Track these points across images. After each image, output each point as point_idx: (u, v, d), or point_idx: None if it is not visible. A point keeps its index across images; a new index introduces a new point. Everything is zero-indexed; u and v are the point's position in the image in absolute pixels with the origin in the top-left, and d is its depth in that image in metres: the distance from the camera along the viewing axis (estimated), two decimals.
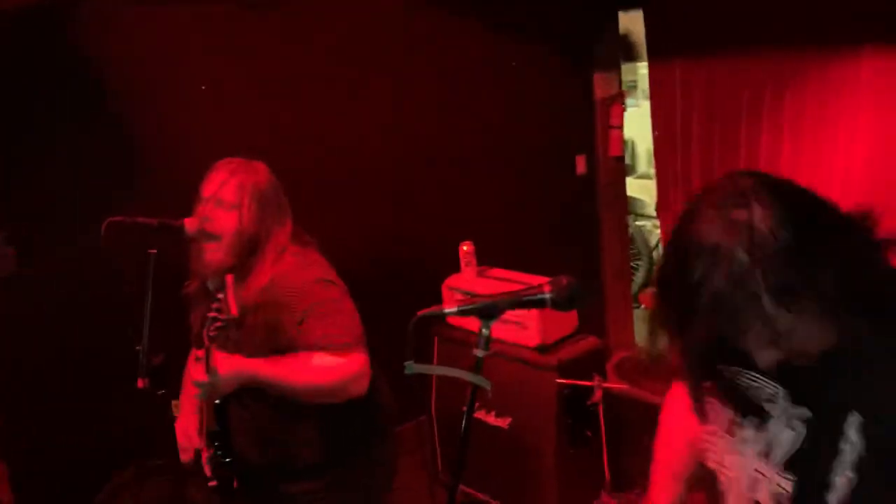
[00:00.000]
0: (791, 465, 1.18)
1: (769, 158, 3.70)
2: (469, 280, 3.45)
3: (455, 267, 3.51)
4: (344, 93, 3.45)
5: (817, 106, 3.50)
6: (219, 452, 2.03)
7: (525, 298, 1.27)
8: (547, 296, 1.26)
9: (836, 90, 3.43)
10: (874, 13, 3.20)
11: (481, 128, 3.93)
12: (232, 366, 1.89)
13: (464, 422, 1.26)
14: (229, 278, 1.86)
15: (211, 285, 2.14)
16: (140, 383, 1.93)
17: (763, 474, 1.21)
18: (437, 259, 3.57)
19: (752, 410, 1.24)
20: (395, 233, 3.67)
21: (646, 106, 4.85)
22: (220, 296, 1.82)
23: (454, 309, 1.27)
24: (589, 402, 3.04)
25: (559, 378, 3.01)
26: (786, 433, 1.19)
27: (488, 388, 1.27)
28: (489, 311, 1.25)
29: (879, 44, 3.26)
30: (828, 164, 3.51)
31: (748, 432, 1.25)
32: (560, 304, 1.26)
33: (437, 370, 1.14)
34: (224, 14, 3.09)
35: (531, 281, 3.12)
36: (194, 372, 1.87)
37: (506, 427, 3.20)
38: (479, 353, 1.25)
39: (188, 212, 2.10)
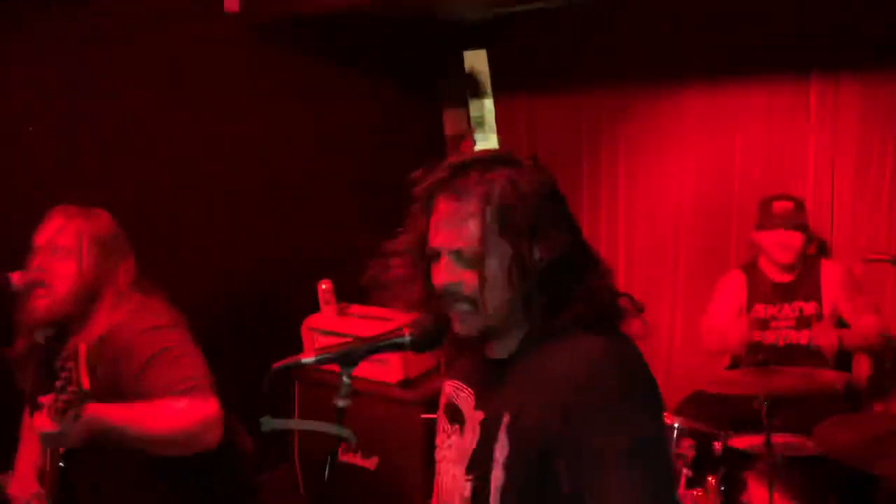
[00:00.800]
0: (468, 468, 1.28)
1: (609, 189, 3.92)
2: (329, 319, 3.39)
3: (316, 306, 3.44)
4: (191, 132, 3.30)
5: (649, 137, 3.77)
6: None
7: (385, 343, 1.25)
8: (407, 339, 1.25)
9: (664, 122, 3.70)
10: (697, 52, 3.50)
11: (336, 166, 3.89)
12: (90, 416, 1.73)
13: (326, 474, 1.22)
14: (82, 348, 1.72)
15: (39, 337, 1.98)
16: None
17: (457, 479, 1.30)
18: (296, 299, 3.48)
19: (456, 418, 1.34)
20: (250, 274, 3.53)
21: (494, 140, 5.00)
22: (70, 365, 1.66)
23: (311, 359, 1.23)
24: None
25: (425, 413, 3.00)
26: (469, 438, 1.30)
27: (353, 440, 1.23)
28: (348, 358, 1.22)
29: (702, 79, 3.56)
30: (661, 191, 3.77)
31: (453, 439, 1.34)
32: (422, 345, 1.26)
33: (296, 424, 1.09)
34: (58, 49, 2.89)
35: (393, 317, 3.14)
36: (39, 422, 1.70)
37: (373, 468, 3.14)
38: (340, 403, 1.21)
39: (18, 265, 1.94)
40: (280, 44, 3.57)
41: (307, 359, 1.22)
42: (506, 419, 1.21)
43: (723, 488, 2.58)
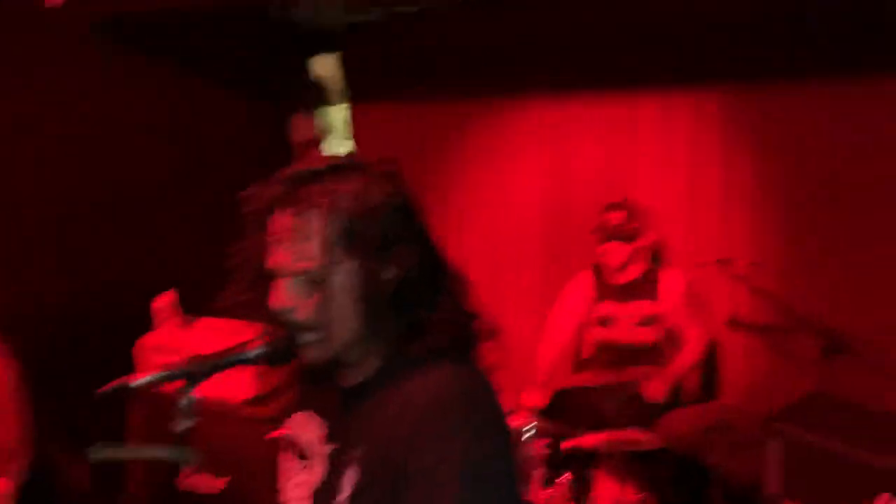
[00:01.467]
0: (315, 501, 1.21)
1: (457, 196, 3.97)
2: (171, 336, 3.18)
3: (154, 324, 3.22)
4: (9, 135, 2.99)
5: (495, 146, 3.86)
6: None
7: (234, 358, 1.15)
8: (258, 352, 1.15)
9: (509, 131, 3.81)
10: (539, 65, 3.63)
11: (177, 173, 3.67)
12: None
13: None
14: None
15: None
16: None
17: None
18: (134, 316, 3.24)
19: (303, 453, 1.26)
20: (83, 291, 3.24)
21: (344, 147, 4.93)
22: None
23: (144, 380, 1.10)
24: None
25: (274, 430, 2.87)
26: (317, 472, 1.22)
27: (194, 461, 1.13)
28: (191, 377, 1.11)
29: (543, 91, 3.69)
30: (511, 194, 3.87)
31: (302, 476, 1.25)
32: (273, 359, 1.16)
33: (127, 453, 0.96)
34: None
35: (244, 330, 2.99)
36: None
37: (223, 486, 2.97)
38: (182, 424, 1.10)
39: None
40: (110, 42, 3.32)
41: (139, 380, 1.10)
42: (356, 452, 1.13)
43: (573, 486, 2.66)
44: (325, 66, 4.55)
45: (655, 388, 3.11)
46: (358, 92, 4.27)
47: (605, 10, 3.38)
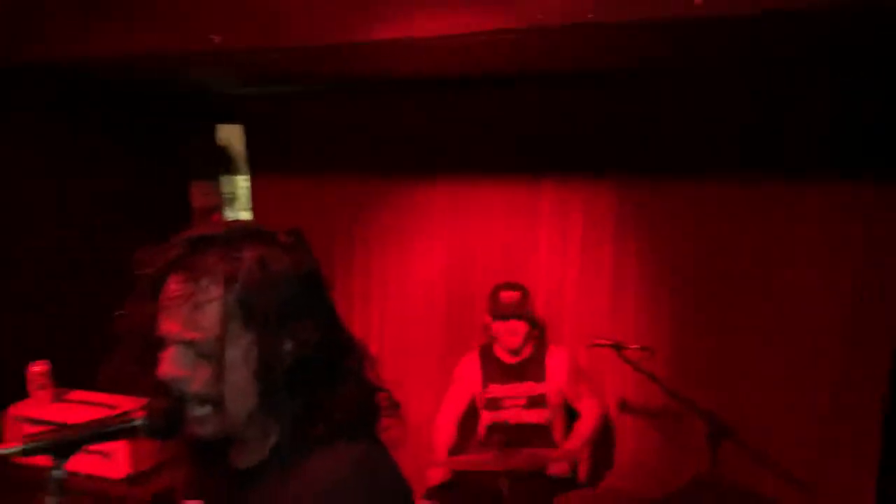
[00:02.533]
0: None
1: (363, 275, 3.95)
2: (42, 406, 2.95)
3: (23, 394, 2.98)
4: None
5: (402, 224, 3.88)
6: None
7: (112, 428, 1.08)
8: (140, 422, 1.08)
9: (416, 211, 3.84)
10: (442, 147, 3.72)
11: (68, 232, 3.49)
12: None
13: None
14: None
15: None
16: None
17: None
18: (4, 383, 2.99)
19: None
20: None
21: (246, 217, 4.85)
22: None
23: (16, 448, 1.02)
24: None
25: None
26: None
27: None
28: (64, 447, 1.03)
29: (448, 173, 3.78)
30: (413, 274, 3.87)
31: None
32: (158, 431, 1.09)
33: None
34: None
35: (123, 404, 2.81)
36: None
37: None
38: (51, 501, 1.01)
39: None
40: (9, 94, 3.18)
41: (6, 449, 1.01)
42: None
43: None
44: (229, 135, 4.51)
45: (559, 465, 3.11)
46: (259, 163, 4.24)
47: (510, 96, 3.53)
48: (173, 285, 1.07)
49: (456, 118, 3.67)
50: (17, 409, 2.94)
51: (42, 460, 1.03)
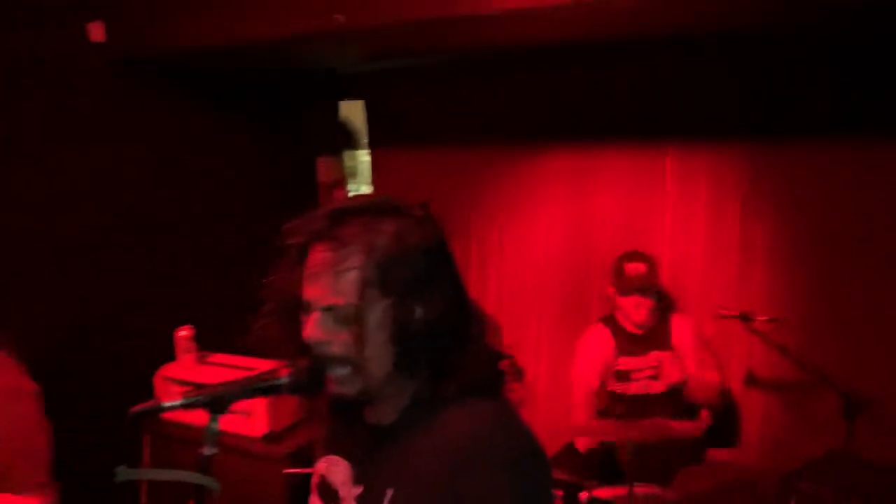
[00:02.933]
0: None
1: (480, 244, 4.00)
2: (188, 368, 3.19)
3: (171, 355, 3.24)
4: (42, 170, 3.06)
5: (520, 194, 3.89)
6: None
7: (260, 385, 1.17)
8: (285, 380, 1.16)
9: (535, 181, 3.84)
10: (568, 115, 3.69)
11: (204, 210, 3.74)
12: None
13: None
14: None
15: None
16: None
17: None
18: (152, 348, 3.26)
19: (331, 497, 1.26)
20: (104, 318, 3.27)
21: (367, 191, 5.00)
22: None
23: (177, 402, 1.13)
24: None
25: (288, 467, 2.86)
26: None
27: (218, 490, 1.14)
28: (218, 402, 1.13)
29: (571, 141, 3.75)
30: (531, 242, 3.89)
31: None
32: (301, 388, 1.17)
33: (155, 474, 0.97)
34: None
35: (258, 366, 3.00)
36: None
37: None
38: (207, 451, 1.12)
39: None
40: (148, 79, 3.42)
41: (171, 402, 1.12)
42: (388, 493, 1.13)
43: None
44: (351, 111, 4.65)
45: (682, 436, 3.06)
46: (379, 137, 4.34)
47: (632, 63, 3.45)
48: (317, 254, 1.15)
49: (577, 85, 3.62)
50: (166, 371, 3.20)
51: (190, 416, 1.13)
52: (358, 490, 1.20)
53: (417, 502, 1.10)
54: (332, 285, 1.12)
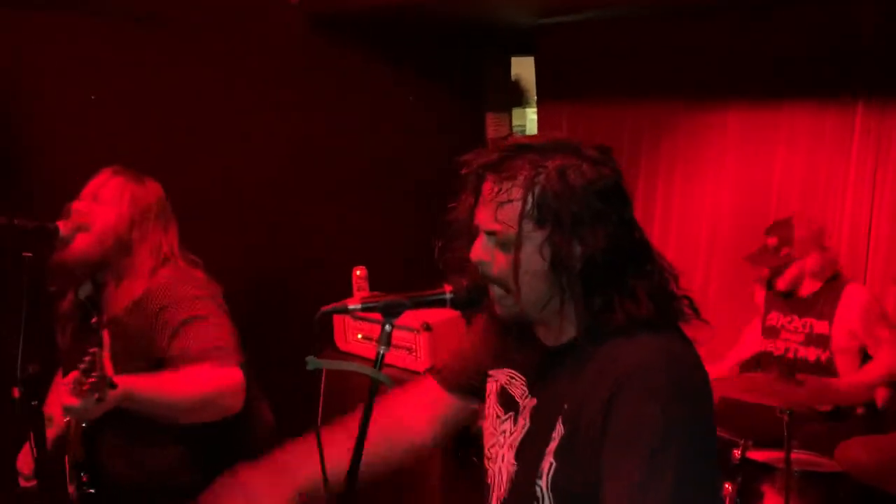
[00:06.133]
0: (517, 454, 1.28)
1: (646, 201, 3.95)
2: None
3: (347, 294, 3.51)
4: (237, 115, 3.40)
5: (690, 152, 3.80)
6: (84, 483, 1.94)
7: (428, 298, 1.30)
8: (448, 296, 1.29)
9: (706, 137, 3.73)
10: (741, 70, 3.54)
11: (378, 157, 3.97)
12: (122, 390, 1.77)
13: (361, 419, 1.26)
14: (106, 335, 1.80)
15: (82, 294, 2.06)
16: (14, 392, 1.82)
17: (507, 466, 1.30)
18: (328, 285, 3.55)
19: (510, 406, 1.34)
20: (285, 258, 3.63)
21: None
22: (94, 350, 1.70)
23: (358, 305, 1.29)
24: (473, 427, 3.08)
25: None
26: (521, 425, 1.30)
27: (389, 386, 1.29)
28: (393, 308, 1.28)
29: (745, 97, 3.59)
30: (698, 206, 3.79)
31: (506, 425, 1.34)
32: (462, 304, 1.30)
33: (338, 365, 1.14)
34: (113, 27, 3.02)
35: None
36: (65, 395, 1.74)
37: None
38: (381, 349, 1.27)
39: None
40: (335, 37, 3.68)
41: (353, 305, 1.29)
42: (563, 407, 1.20)
43: (738, 499, 2.59)
44: (524, 68, 4.70)
45: (843, 400, 2.92)
46: (547, 93, 4.37)
47: (820, 20, 3.26)
48: (487, 183, 1.24)
49: (753, 38, 3.46)
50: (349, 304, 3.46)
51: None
52: (532, 402, 1.30)
53: (583, 422, 1.17)
54: (494, 213, 1.21)
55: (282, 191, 3.58)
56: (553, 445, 1.20)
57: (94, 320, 2.03)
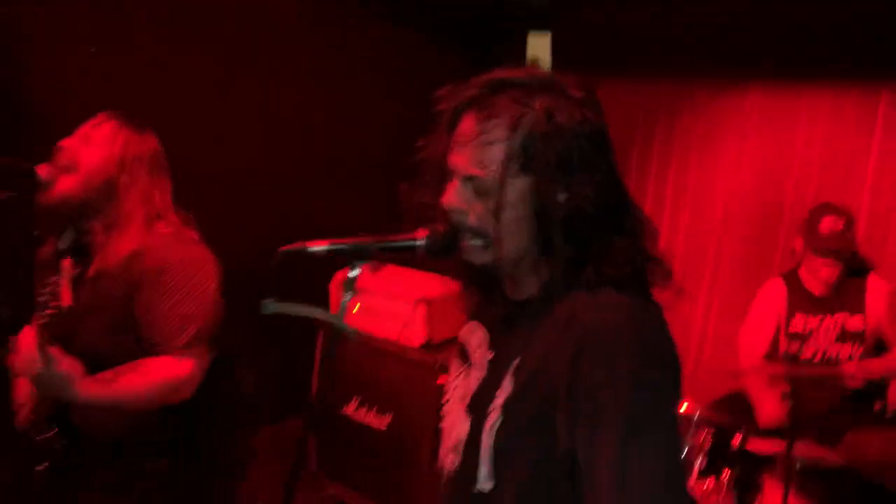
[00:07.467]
0: (469, 407, 1.22)
1: (658, 179, 3.84)
2: (362, 276, 3.37)
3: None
4: (246, 84, 3.32)
5: (706, 131, 3.68)
6: (57, 434, 1.89)
7: (399, 243, 1.21)
8: (420, 242, 1.19)
9: (724, 117, 3.61)
10: (767, 50, 3.41)
11: (386, 132, 3.88)
12: (68, 375, 1.73)
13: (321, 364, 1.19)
14: (66, 264, 1.73)
15: (62, 245, 1.98)
16: None
17: (458, 418, 1.24)
18: (328, 263, 3.48)
19: (467, 358, 1.28)
20: (284, 227, 3.53)
21: None
22: (53, 279, 1.62)
23: (322, 248, 1.20)
24: None
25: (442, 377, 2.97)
26: (475, 377, 1.23)
27: (353, 336, 1.21)
28: (360, 253, 1.19)
29: (764, 78, 3.47)
30: (714, 183, 3.68)
31: (460, 378, 1.28)
32: (435, 251, 1.19)
33: (298, 309, 1.05)
34: None
35: (427, 279, 3.12)
36: (25, 353, 1.68)
37: (384, 427, 3.13)
38: (346, 295, 1.19)
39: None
40: (343, 17, 3.61)
41: (317, 247, 1.19)
42: (515, 362, 1.13)
43: (736, 488, 2.50)
44: (540, 43, 4.59)
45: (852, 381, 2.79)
46: (563, 69, 4.25)
47: None
48: (466, 122, 1.13)
49: (775, 16, 3.33)
50: (341, 277, 3.40)
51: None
52: (490, 355, 1.22)
53: (534, 374, 1.09)
54: (474, 155, 1.11)
55: (284, 160, 3.49)
56: (500, 400, 1.13)
57: (76, 270, 1.96)
